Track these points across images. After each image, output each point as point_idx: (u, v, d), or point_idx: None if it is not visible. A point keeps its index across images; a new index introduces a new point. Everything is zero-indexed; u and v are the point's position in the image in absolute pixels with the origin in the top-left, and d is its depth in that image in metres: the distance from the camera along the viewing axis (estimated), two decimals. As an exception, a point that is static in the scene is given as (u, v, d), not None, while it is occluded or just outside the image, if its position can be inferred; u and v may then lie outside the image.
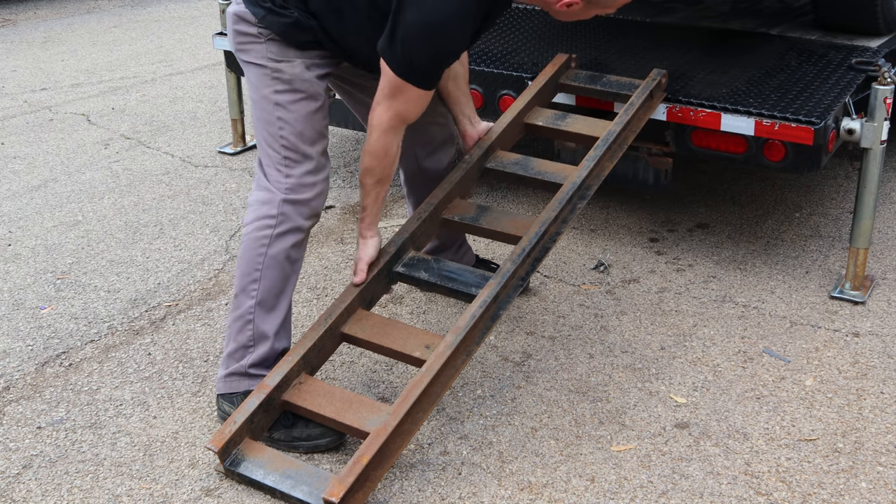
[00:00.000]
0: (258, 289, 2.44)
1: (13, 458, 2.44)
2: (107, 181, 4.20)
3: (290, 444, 2.43)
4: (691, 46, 3.63)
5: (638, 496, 2.27)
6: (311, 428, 2.43)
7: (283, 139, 2.42)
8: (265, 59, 2.41)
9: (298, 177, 2.44)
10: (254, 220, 2.46)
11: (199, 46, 6.62)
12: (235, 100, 4.43)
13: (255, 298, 2.45)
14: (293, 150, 2.43)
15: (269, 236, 2.43)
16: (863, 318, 3.02)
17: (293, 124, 2.42)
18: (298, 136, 2.43)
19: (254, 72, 2.44)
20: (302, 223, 2.46)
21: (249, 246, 2.45)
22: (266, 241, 2.43)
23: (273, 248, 2.43)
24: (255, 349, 2.46)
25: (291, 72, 2.41)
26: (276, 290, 2.46)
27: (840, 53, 3.42)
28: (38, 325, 3.05)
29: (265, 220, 2.44)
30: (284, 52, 2.41)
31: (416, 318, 3.06)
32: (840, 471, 2.35)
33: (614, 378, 2.73)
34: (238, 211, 3.87)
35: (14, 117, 5.11)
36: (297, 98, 2.42)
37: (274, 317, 2.47)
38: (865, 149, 3.00)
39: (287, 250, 2.45)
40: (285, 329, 2.51)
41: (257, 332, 2.46)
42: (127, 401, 2.67)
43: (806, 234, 3.61)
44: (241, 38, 2.45)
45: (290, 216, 2.43)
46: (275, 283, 2.46)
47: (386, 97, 2.35)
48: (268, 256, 2.43)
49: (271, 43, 2.40)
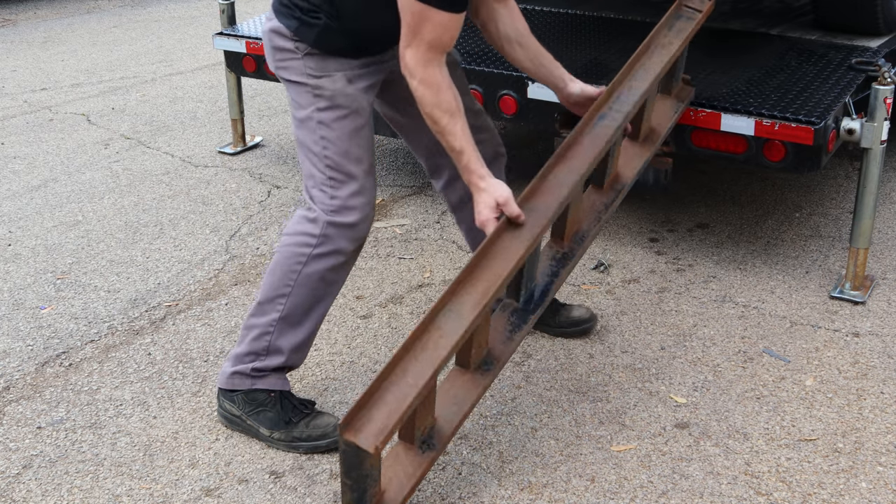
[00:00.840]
0: (285, 304, 2.39)
1: (13, 458, 2.44)
2: (107, 181, 4.20)
3: (290, 444, 2.43)
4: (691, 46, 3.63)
5: (638, 496, 2.27)
6: (311, 429, 2.43)
7: (327, 159, 2.32)
8: (304, 76, 2.32)
9: (344, 199, 2.33)
10: (295, 233, 2.38)
11: (199, 46, 6.62)
12: (235, 100, 4.43)
13: (281, 313, 2.39)
14: (338, 169, 2.32)
15: (307, 255, 2.35)
16: (863, 318, 3.02)
17: (337, 143, 2.31)
18: (343, 156, 2.32)
19: (294, 90, 2.35)
20: (344, 247, 2.36)
21: (285, 260, 2.38)
22: (303, 260, 2.36)
23: (309, 267, 2.36)
24: (266, 359, 2.44)
25: (333, 87, 2.30)
26: (304, 308, 2.40)
27: (840, 53, 3.42)
28: (38, 325, 3.05)
29: (306, 238, 2.36)
30: (323, 66, 2.31)
31: (417, 318, 3.06)
32: (840, 471, 2.35)
33: (614, 378, 2.73)
34: (238, 211, 3.87)
35: (14, 117, 5.11)
36: (339, 115, 2.32)
37: (295, 334, 2.42)
38: (865, 149, 3.00)
39: (323, 272, 2.37)
40: (303, 348, 2.46)
41: (273, 346, 2.42)
42: (127, 401, 2.67)
43: (806, 234, 3.61)
44: (280, 55, 2.36)
45: (333, 239, 2.35)
46: (304, 301, 2.39)
47: (411, 33, 2.15)
48: (302, 274, 2.36)
49: (309, 58, 2.31)
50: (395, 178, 4.21)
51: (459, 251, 3.51)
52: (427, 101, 2.22)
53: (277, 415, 2.44)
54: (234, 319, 3.07)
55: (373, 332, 2.99)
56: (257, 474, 2.37)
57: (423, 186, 4.11)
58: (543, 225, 2.26)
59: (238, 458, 2.43)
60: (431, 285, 3.27)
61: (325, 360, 2.84)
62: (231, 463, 2.41)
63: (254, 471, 2.38)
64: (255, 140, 4.64)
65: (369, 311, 3.11)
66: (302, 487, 2.32)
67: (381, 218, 3.80)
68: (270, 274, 2.41)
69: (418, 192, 4.05)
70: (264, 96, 5.46)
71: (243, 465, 2.40)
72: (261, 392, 2.45)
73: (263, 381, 2.46)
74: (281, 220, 3.79)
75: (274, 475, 2.36)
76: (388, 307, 3.13)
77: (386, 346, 2.91)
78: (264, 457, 2.43)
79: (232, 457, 2.43)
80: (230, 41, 4.14)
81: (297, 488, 2.32)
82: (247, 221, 3.78)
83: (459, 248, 3.53)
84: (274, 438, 2.43)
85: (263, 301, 2.41)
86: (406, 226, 3.74)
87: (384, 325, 3.02)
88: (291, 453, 2.42)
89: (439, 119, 2.22)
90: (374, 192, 2.40)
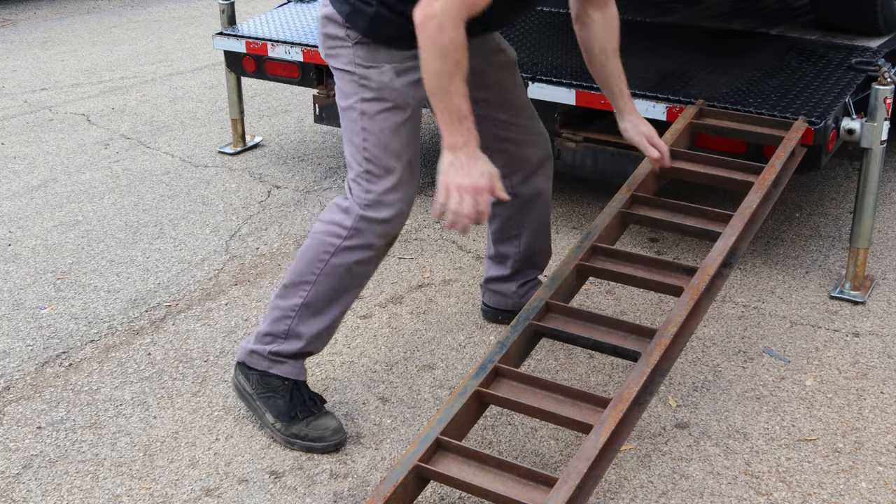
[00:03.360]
0: (309, 291, 2.39)
1: (13, 458, 2.44)
2: (107, 181, 4.20)
3: (287, 437, 2.45)
4: (691, 46, 3.63)
5: (638, 496, 2.27)
6: (311, 429, 2.43)
7: (365, 151, 2.30)
8: (353, 65, 2.29)
9: (379, 193, 2.31)
10: (328, 222, 2.38)
11: (199, 46, 6.62)
12: (235, 100, 4.43)
13: (304, 299, 2.39)
14: (375, 163, 2.30)
15: (337, 246, 2.35)
16: (863, 318, 3.02)
17: (378, 136, 2.29)
18: (382, 149, 2.29)
19: (342, 78, 2.33)
20: (375, 241, 2.35)
21: (314, 247, 2.38)
22: (331, 250, 2.35)
23: (337, 258, 2.36)
24: (285, 343, 2.44)
25: (379, 79, 2.28)
26: (328, 297, 2.40)
27: (840, 53, 3.42)
28: (38, 325, 3.05)
29: (337, 228, 2.35)
30: (373, 56, 2.28)
31: (417, 318, 3.06)
32: (840, 471, 2.35)
33: (614, 378, 2.73)
34: (238, 211, 3.87)
35: (14, 117, 5.12)
36: (383, 108, 2.29)
37: (317, 322, 2.43)
38: (865, 149, 3.00)
39: (350, 264, 2.37)
40: (325, 336, 2.47)
41: (293, 331, 2.43)
42: (127, 401, 2.67)
43: (806, 234, 3.61)
44: (330, 42, 2.33)
45: (364, 233, 2.33)
46: (328, 290, 2.39)
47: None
48: (329, 264, 2.36)
49: (359, 47, 2.28)
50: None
51: (459, 251, 3.51)
52: (429, 78, 2.06)
53: (286, 405, 2.45)
54: (234, 319, 3.07)
55: (373, 332, 2.99)
56: (257, 474, 2.37)
57: (423, 186, 4.11)
58: None
59: (238, 458, 2.43)
60: (431, 285, 3.27)
61: (325, 360, 2.84)
62: (231, 463, 2.41)
63: (254, 471, 2.38)
64: (255, 140, 4.64)
65: (369, 311, 3.11)
66: (302, 487, 2.32)
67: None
68: (299, 259, 2.41)
69: (418, 192, 4.04)
70: (264, 96, 5.46)
71: (243, 465, 2.40)
72: (276, 378, 2.46)
73: (280, 367, 2.46)
74: (281, 220, 3.79)
75: (274, 475, 2.36)
76: (388, 307, 3.13)
77: (386, 346, 2.91)
78: (264, 457, 2.43)
79: (232, 457, 2.43)
80: (230, 41, 4.14)
81: (297, 488, 2.32)
82: (247, 221, 3.78)
83: (459, 248, 3.53)
84: (275, 427, 2.46)
85: (289, 284, 2.42)
86: (406, 226, 3.74)
87: (384, 325, 3.03)
88: (290, 451, 2.42)
89: (442, 87, 2.05)
90: (414, 191, 2.37)
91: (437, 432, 2.07)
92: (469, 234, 3.43)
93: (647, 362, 2.16)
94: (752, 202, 2.59)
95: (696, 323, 2.32)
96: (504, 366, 2.24)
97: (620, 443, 2.07)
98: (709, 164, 2.80)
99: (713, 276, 2.39)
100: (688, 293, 2.32)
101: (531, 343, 2.37)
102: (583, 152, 3.36)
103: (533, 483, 1.98)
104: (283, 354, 2.45)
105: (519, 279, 2.90)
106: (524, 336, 2.33)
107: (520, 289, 2.91)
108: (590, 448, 1.99)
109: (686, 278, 2.40)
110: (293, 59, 3.89)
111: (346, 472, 2.37)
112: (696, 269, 2.40)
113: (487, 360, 2.23)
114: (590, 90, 3.23)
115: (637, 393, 2.11)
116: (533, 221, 2.78)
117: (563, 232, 3.64)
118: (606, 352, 2.31)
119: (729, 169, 2.76)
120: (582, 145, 3.35)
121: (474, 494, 2.01)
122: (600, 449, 1.99)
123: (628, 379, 2.14)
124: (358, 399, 2.66)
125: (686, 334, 2.29)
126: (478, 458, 2.04)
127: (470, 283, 3.27)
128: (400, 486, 1.98)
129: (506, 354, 2.26)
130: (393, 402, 2.64)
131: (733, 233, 2.49)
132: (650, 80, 3.26)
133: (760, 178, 2.66)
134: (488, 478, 2.01)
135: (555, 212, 3.81)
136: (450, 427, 2.10)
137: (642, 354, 2.19)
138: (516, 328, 2.32)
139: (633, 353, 2.24)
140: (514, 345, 2.29)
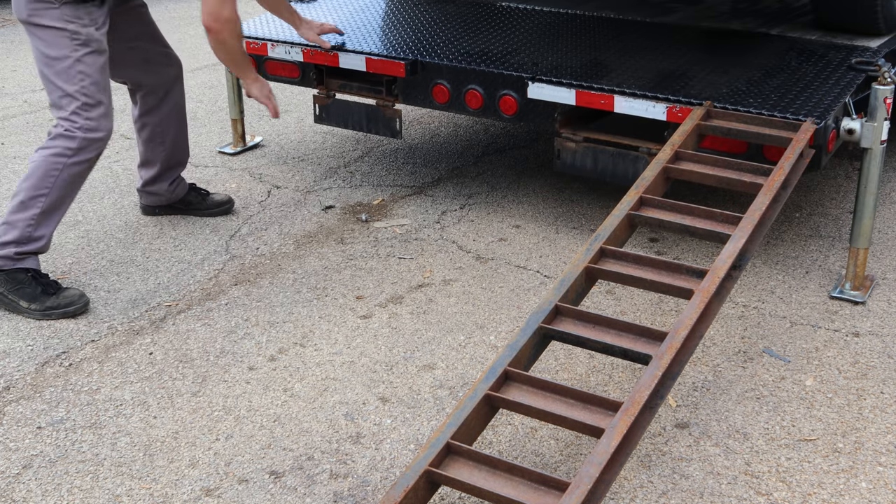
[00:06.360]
0: (44, 202, 3.05)
1: (13, 458, 2.44)
2: (107, 181, 4.20)
3: (44, 312, 3.03)
4: (691, 46, 3.63)
5: (638, 496, 2.27)
6: (61, 299, 3.05)
7: (84, 89, 3.02)
8: (63, 22, 2.96)
9: (95, 119, 3.04)
10: (51, 147, 3.03)
11: (199, 46, 6.61)
12: (235, 100, 4.43)
13: (41, 209, 3.06)
14: (91, 96, 3.03)
15: (64, 163, 3.05)
16: (863, 318, 3.02)
17: (91, 76, 3.01)
18: (95, 86, 3.04)
19: (50, 34, 2.96)
20: (92, 156, 3.09)
21: (42, 168, 3.03)
22: (60, 167, 3.04)
23: (65, 171, 3.05)
24: (27, 245, 3.08)
25: (87, 31, 2.98)
26: (58, 203, 3.10)
27: (840, 53, 3.42)
28: (38, 325, 3.05)
29: (62, 149, 3.02)
30: (77, 14, 2.96)
31: (417, 318, 3.06)
32: (840, 471, 2.35)
33: (614, 378, 2.73)
34: (238, 211, 3.87)
35: (14, 117, 5.12)
36: (91, 52, 3.03)
37: (50, 224, 3.09)
38: (865, 149, 3.00)
39: (75, 175, 3.09)
40: (51, 235, 3.14)
41: (34, 236, 3.07)
42: (127, 401, 2.67)
43: (806, 234, 3.61)
44: (35, 5, 2.94)
45: (85, 150, 3.05)
46: (58, 198, 3.08)
47: None
48: (59, 178, 3.04)
49: (66, 7, 2.95)
50: (396, 178, 4.21)
51: (460, 251, 3.51)
52: (216, 45, 3.27)
53: (34, 290, 3.05)
54: (234, 319, 3.07)
55: (373, 332, 2.99)
56: (257, 474, 2.37)
57: (423, 186, 4.11)
58: None
59: (238, 458, 2.43)
60: (431, 285, 3.27)
61: (325, 360, 2.84)
62: (231, 463, 2.41)
63: (254, 471, 2.38)
64: (255, 140, 4.64)
65: (369, 311, 3.11)
66: (302, 487, 2.32)
67: (381, 218, 3.80)
68: (28, 179, 3.05)
69: (418, 192, 4.05)
70: (264, 96, 5.45)
71: (243, 465, 2.40)
72: (21, 271, 3.07)
73: (24, 262, 3.08)
74: (281, 220, 3.79)
75: (274, 475, 2.37)
76: (388, 307, 3.13)
77: (386, 346, 2.91)
78: (264, 457, 2.43)
79: (232, 457, 2.43)
80: (230, 41, 4.13)
81: (297, 488, 2.32)
82: (247, 221, 3.78)
83: (459, 248, 3.53)
84: (31, 310, 3.03)
85: (25, 200, 3.05)
86: (406, 226, 3.74)
87: (384, 325, 3.03)
88: (290, 451, 2.42)
89: (225, 44, 3.27)
90: (112, 112, 3.12)
91: (447, 437, 2.07)
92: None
93: (658, 366, 2.16)
94: (761, 204, 2.59)
95: (706, 326, 2.31)
96: (514, 369, 2.23)
97: (632, 447, 2.07)
98: (717, 166, 2.80)
99: (723, 279, 2.39)
100: (698, 296, 2.31)
101: (541, 346, 2.37)
102: (583, 152, 3.36)
103: (545, 487, 1.97)
104: (26, 252, 3.07)
105: (168, 177, 3.68)
106: (534, 339, 2.33)
107: (170, 186, 3.71)
108: (601, 452, 1.98)
109: (696, 281, 2.40)
110: (293, 59, 3.89)
111: (346, 472, 2.37)
112: (706, 271, 2.39)
113: (497, 364, 2.23)
114: (590, 90, 3.23)
115: (648, 397, 2.11)
116: (174, 126, 3.62)
117: (564, 232, 3.64)
118: (617, 355, 2.30)
119: (738, 171, 2.76)
120: (582, 145, 3.35)
121: (485, 499, 2.00)
122: (612, 453, 1.98)
123: (639, 383, 2.13)
124: (358, 399, 2.66)
125: (696, 337, 2.29)
126: (488, 463, 2.04)
127: (470, 283, 3.28)
128: (411, 491, 1.97)
129: (515, 358, 2.26)
130: (393, 402, 2.64)
131: (743, 235, 2.49)
132: (650, 80, 3.26)
133: (770, 180, 2.65)
134: (499, 482, 2.00)
135: (555, 212, 3.82)
136: (460, 431, 2.09)
137: (653, 358, 2.19)
138: (526, 331, 2.31)
139: (643, 357, 2.24)
140: (523, 348, 2.29)
